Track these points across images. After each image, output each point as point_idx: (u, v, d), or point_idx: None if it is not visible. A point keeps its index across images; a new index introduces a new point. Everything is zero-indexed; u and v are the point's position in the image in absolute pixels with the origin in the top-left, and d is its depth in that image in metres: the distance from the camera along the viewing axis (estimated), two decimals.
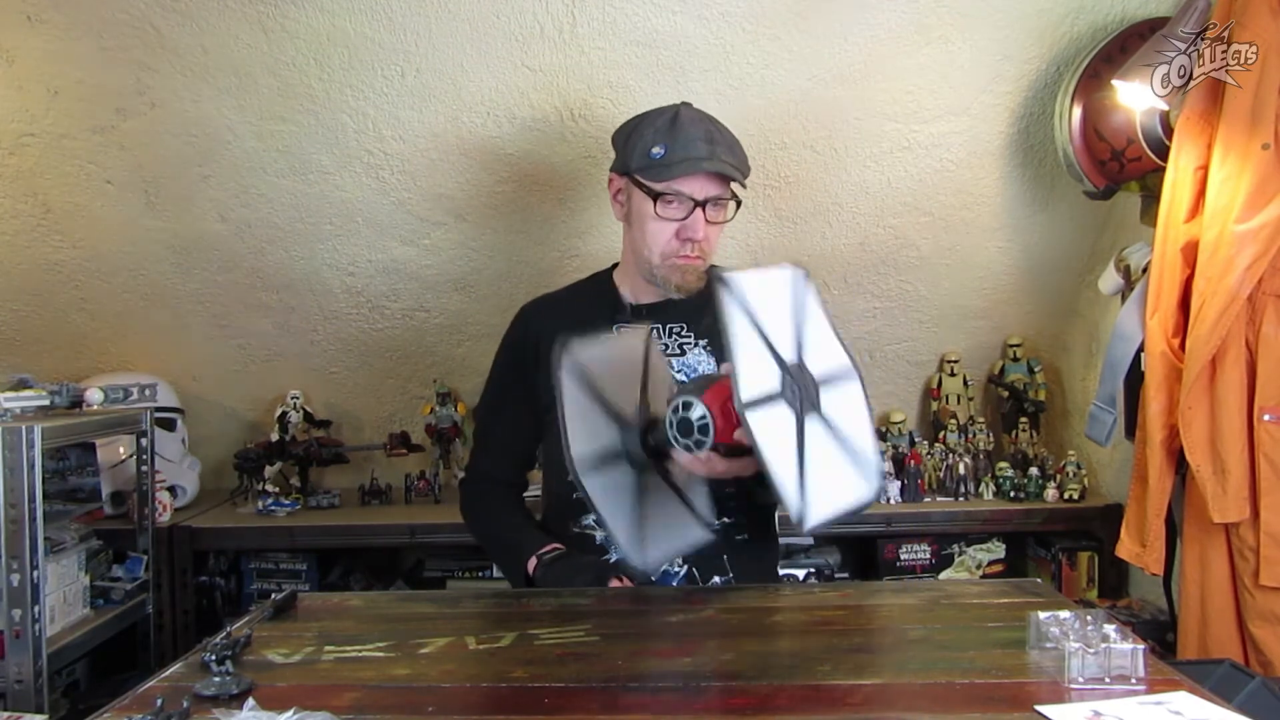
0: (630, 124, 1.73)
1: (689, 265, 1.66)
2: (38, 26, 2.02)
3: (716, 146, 1.64)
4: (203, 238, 2.40)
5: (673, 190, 1.63)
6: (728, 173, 1.64)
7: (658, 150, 1.63)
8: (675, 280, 1.67)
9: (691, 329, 1.71)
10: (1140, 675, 1.05)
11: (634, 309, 1.73)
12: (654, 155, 1.63)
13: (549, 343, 1.70)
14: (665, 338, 1.71)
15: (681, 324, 1.72)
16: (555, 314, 1.77)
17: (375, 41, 2.07)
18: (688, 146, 1.63)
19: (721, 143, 1.66)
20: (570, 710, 1.03)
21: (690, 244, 1.65)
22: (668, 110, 1.69)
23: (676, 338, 1.71)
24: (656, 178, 1.63)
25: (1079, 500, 2.49)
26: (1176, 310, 1.89)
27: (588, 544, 1.66)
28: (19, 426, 1.79)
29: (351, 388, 2.76)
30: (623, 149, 1.70)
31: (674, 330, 1.72)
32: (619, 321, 1.70)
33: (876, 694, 1.04)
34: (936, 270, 2.52)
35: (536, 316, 1.80)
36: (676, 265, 1.66)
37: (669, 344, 1.71)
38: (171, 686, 1.10)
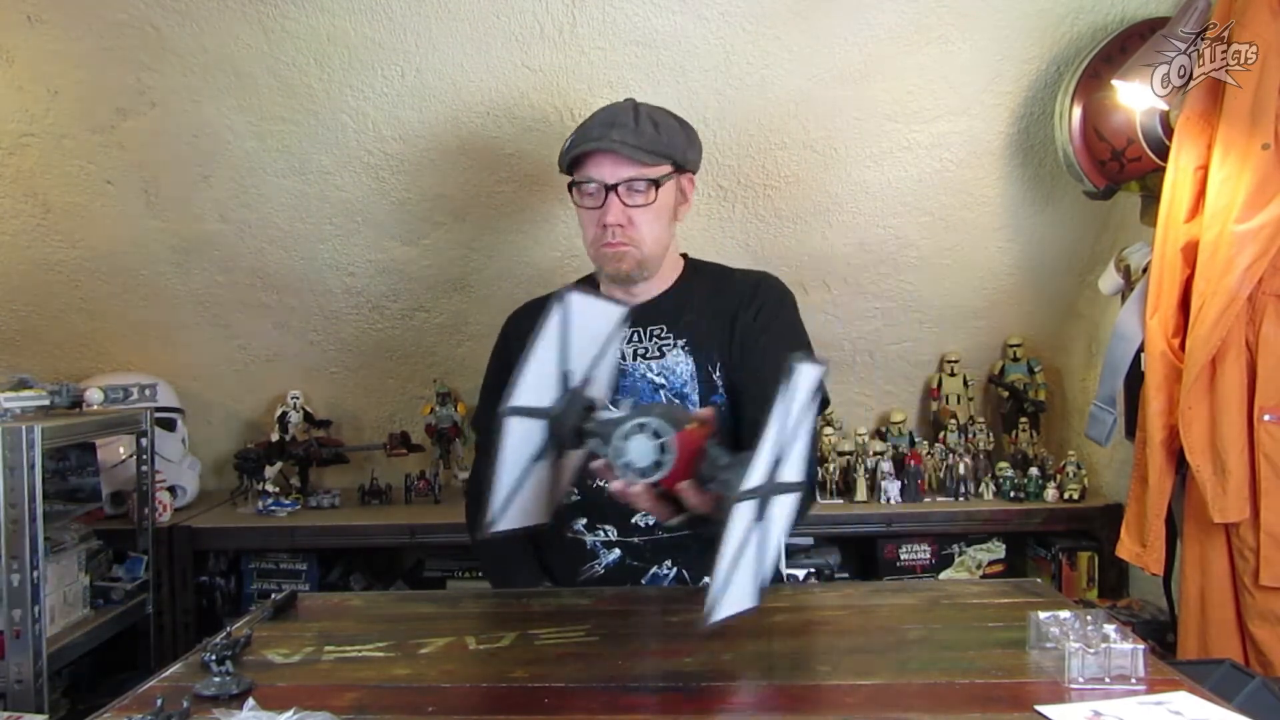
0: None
1: (614, 252, 1.65)
2: (38, 26, 2.02)
3: (614, 129, 1.62)
4: (203, 238, 2.40)
5: (584, 176, 1.64)
6: (619, 151, 1.60)
7: (568, 142, 1.66)
8: (608, 269, 1.67)
9: (671, 329, 1.69)
10: (1140, 675, 1.05)
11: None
12: (566, 147, 1.66)
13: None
14: (646, 341, 1.69)
15: (661, 325, 1.70)
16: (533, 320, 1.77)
17: (375, 41, 2.07)
18: (585, 132, 1.64)
19: (624, 125, 1.62)
20: (570, 710, 1.03)
21: (611, 230, 1.63)
22: (609, 107, 1.70)
23: (656, 340, 1.69)
24: (566, 168, 1.67)
25: (1079, 500, 2.49)
26: (1176, 310, 1.89)
27: (579, 549, 1.66)
28: (19, 426, 1.79)
29: (351, 388, 2.75)
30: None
31: (654, 333, 1.70)
32: None
33: (876, 694, 1.04)
34: (936, 270, 2.52)
35: (519, 324, 1.80)
36: (604, 254, 1.66)
37: (649, 347, 1.69)
38: (171, 686, 1.10)
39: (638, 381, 1.67)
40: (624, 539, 1.64)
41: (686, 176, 1.71)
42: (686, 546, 1.63)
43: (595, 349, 1.22)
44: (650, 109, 1.69)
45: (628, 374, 1.67)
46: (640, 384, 1.66)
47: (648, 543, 1.64)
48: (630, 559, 1.64)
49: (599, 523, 1.66)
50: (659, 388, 1.66)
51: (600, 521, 1.66)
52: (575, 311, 1.15)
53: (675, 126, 1.69)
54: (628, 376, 1.67)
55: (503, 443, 1.11)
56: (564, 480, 1.28)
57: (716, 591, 1.06)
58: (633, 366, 1.67)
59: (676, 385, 1.66)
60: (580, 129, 1.66)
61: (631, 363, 1.68)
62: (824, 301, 2.57)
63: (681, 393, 1.65)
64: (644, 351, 1.69)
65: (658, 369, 1.67)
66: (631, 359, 1.68)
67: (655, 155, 1.63)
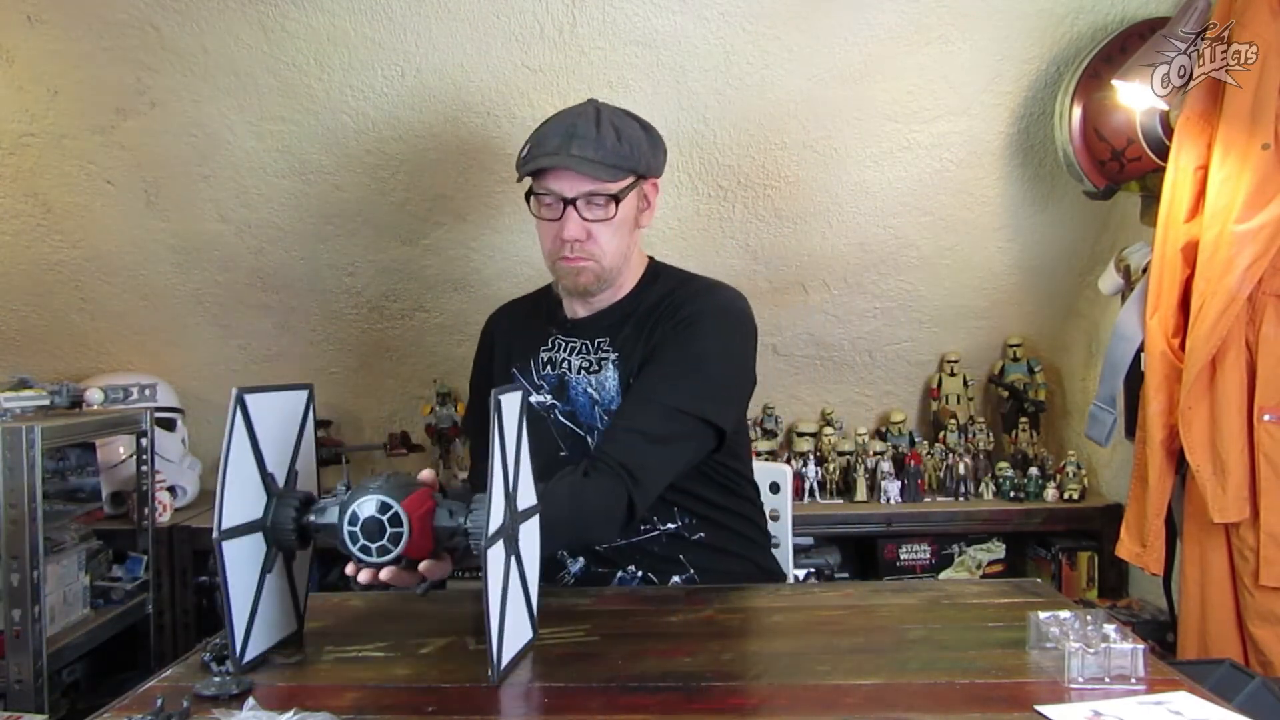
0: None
1: (572, 267, 1.57)
2: (38, 26, 2.03)
3: (573, 140, 1.52)
4: (203, 238, 2.40)
5: (542, 188, 1.55)
6: (577, 168, 1.51)
7: (525, 151, 1.56)
8: (566, 284, 1.60)
9: (612, 343, 1.62)
10: (1140, 675, 1.05)
11: (572, 323, 1.66)
12: (523, 157, 1.56)
13: (503, 351, 1.70)
14: (591, 354, 1.63)
15: (606, 337, 1.62)
16: (510, 321, 1.76)
17: (375, 41, 2.07)
18: (543, 142, 1.54)
19: (583, 137, 1.52)
20: (570, 710, 1.03)
21: (569, 244, 1.55)
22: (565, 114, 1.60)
23: (598, 352, 1.62)
24: (525, 176, 1.57)
25: (1079, 500, 2.50)
26: (1176, 310, 1.90)
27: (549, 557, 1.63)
28: (19, 426, 1.80)
29: (351, 388, 2.75)
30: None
31: (600, 344, 1.63)
32: (553, 334, 1.67)
33: (876, 694, 1.04)
34: (936, 270, 2.52)
35: (497, 324, 1.79)
36: (562, 268, 1.59)
37: (592, 361, 1.63)
38: (171, 686, 1.10)
39: (580, 395, 1.63)
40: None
41: (650, 182, 1.62)
42: (648, 548, 1.62)
43: (290, 440, 1.20)
44: (611, 112, 1.59)
45: (571, 386, 1.63)
46: (582, 398, 1.62)
47: (609, 549, 1.62)
48: (595, 565, 1.63)
49: None
50: (595, 402, 1.61)
51: None
52: (254, 410, 1.13)
53: (639, 133, 1.59)
54: (573, 389, 1.63)
55: (225, 569, 1.08)
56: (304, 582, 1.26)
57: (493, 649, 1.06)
58: (575, 380, 1.63)
59: (605, 401, 1.60)
60: (538, 136, 1.56)
61: (575, 375, 1.63)
62: (824, 301, 2.57)
63: (610, 409, 1.59)
64: (587, 365, 1.63)
65: (595, 384, 1.62)
66: (574, 372, 1.63)
67: (616, 170, 1.53)
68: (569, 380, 1.64)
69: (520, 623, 1.16)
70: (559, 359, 1.65)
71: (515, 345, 1.71)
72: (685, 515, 1.64)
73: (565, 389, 1.64)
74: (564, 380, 1.64)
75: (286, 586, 1.22)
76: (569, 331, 1.67)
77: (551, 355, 1.66)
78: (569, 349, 1.66)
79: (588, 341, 1.65)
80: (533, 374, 1.67)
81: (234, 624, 1.10)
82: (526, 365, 1.68)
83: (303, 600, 1.27)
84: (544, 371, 1.66)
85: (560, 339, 1.67)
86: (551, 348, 1.67)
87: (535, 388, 1.65)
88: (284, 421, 1.21)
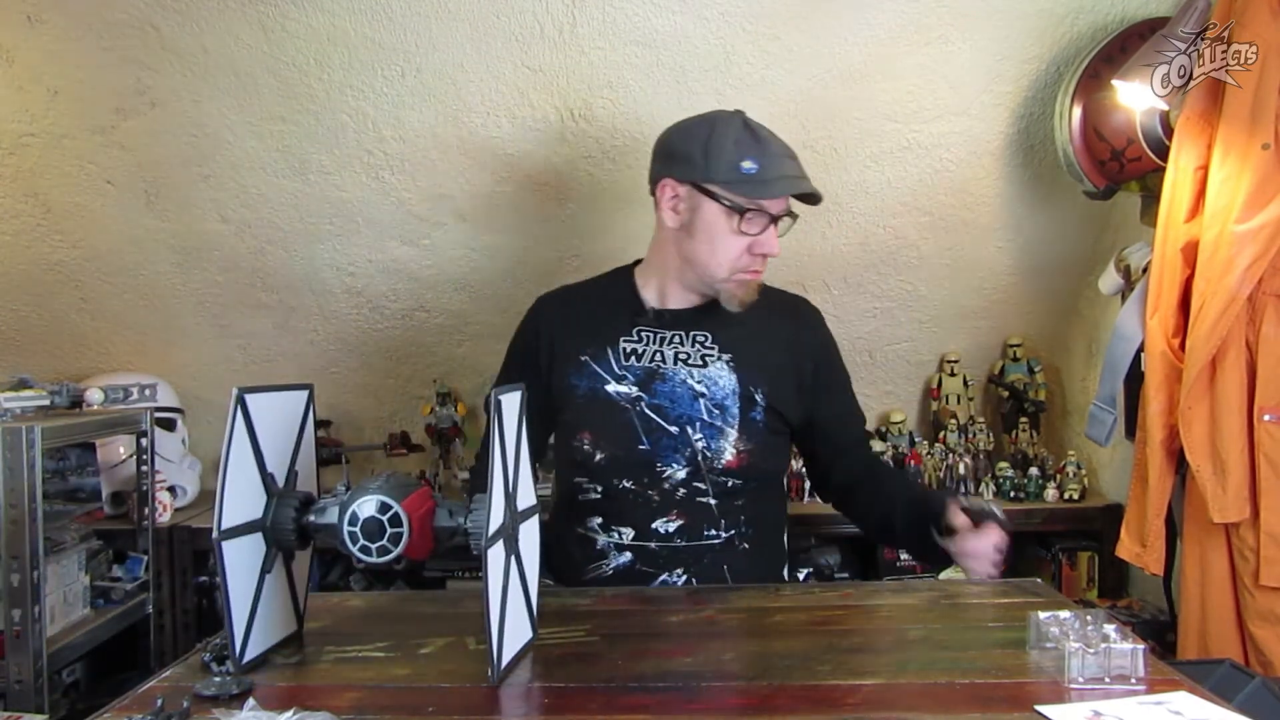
0: (696, 132, 1.62)
1: (754, 280, 1.64)
2: (38, 26, 2.02)
3: (797, 160, 1.63)
4: (203, 238, 2.40)
5: (759, 207, 1.58)
6: (814, 191, 1.61)
7: (750, 165, 1.56)
8: (740, 295, 1.64)
9: (715, 340, 1.66)
10: (1140, 675, 1.06)
11: (656, 313, 1.69)
12: (745, 170, 1.56)
13: (563, 339, 1.69)
14: (689, 346, 1.66)
15: (707, 334, 1.67)
16: (571, 309, 1.74)
17: (375, 41, 2.07)
18: (780, 164, 1.59)
19: (795, 159, 1.64)
20: (570, 710, 1.03)
21: (760, 259, 1.62)
22: (732, 119, 1.62)
23: (700, 347, 1.66)
24: (749, 194, 1.57)
25: (1079, 500, 2.49)
26: (1176, 310, 1.89)
27: (588, 547, 1.66)
28: (19, 426, 1.80)
29: (351, 388, 2.75)
30: (698, 160, 1.59)
31: (698, 339, 1.67)
32: (639, 324, 1.68)
33: (876, 694, 1.04)
34: (936, 270, 2.52)
35: (551, 310, 1.76)
36: (744, 281, 1.63)
37: (691, 353, 1.66)
38: (171, 686, 1.10)
39: (677, 387, 1.63)
40: (639, 543, 1.63)
41: None
42: (700, 555, 1.63)
43: (290, 440, 1.21)
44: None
45: (667, 378, 1.64)
46: (680, 389, 1.63)
47: (663, 549, 1.62)
48: (642, 564, 1.63)
49: (616, 524, 1.64)
50: (699, 395, 1.63)
51: (617, 523, 1.64)
52: (254, 410, 1.13)
53: None
54: (667, 381, 1.64)
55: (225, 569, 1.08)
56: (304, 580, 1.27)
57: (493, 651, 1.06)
58: (672, 371, 1.64)
59: (718, 397, 1.63)
60: (764, 155, 1.58)
61: (671, 366, 1.64)
62: (824, 301, 2.56)
63: (721, 404, 1.63)
64: (685, 357, 1.65)
65: (699, 377, 1.64)
66: (672, 362, 1.65)
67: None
68: (664, 372, 1.64)
69: (520, 623, 1.16)
70: (648, 350, 1.66)
71: (581, 332, 1.69)
72: (742, 525, 1.65)
73: (656, 381, 1.64)
74: (656, 372, 1.64)
75: (286, 586, 1.22)
76: (659, 324, 1.67)
77: (637, 347, 1.66)
78: (660, 340, 1.66)
79: (681, 334, 1.66)
80: (611, 362, 1.66)
81: (234, 624, 1.10)
82: (601, 354, 1.66)
83: (303, 600, 1.27)
84: (627, 362, 1.65)
85: (647, 330, 1.67)
86: (637, 339, 1.67)
87: (616, 378, 1.65)
88: (284, 421, 1.21)
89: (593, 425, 1.64)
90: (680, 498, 1.63)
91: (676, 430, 1.62)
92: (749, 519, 1.66)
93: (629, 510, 1.63)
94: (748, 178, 1.57)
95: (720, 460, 1.62)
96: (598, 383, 1.65)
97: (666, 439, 1.62)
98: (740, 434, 1.63)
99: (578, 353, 1.68)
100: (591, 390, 1.65)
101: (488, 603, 1.05)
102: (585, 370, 1.66)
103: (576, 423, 1.65)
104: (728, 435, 1.63)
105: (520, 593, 1.17)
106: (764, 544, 1.70)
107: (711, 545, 1.64)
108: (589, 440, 1.64)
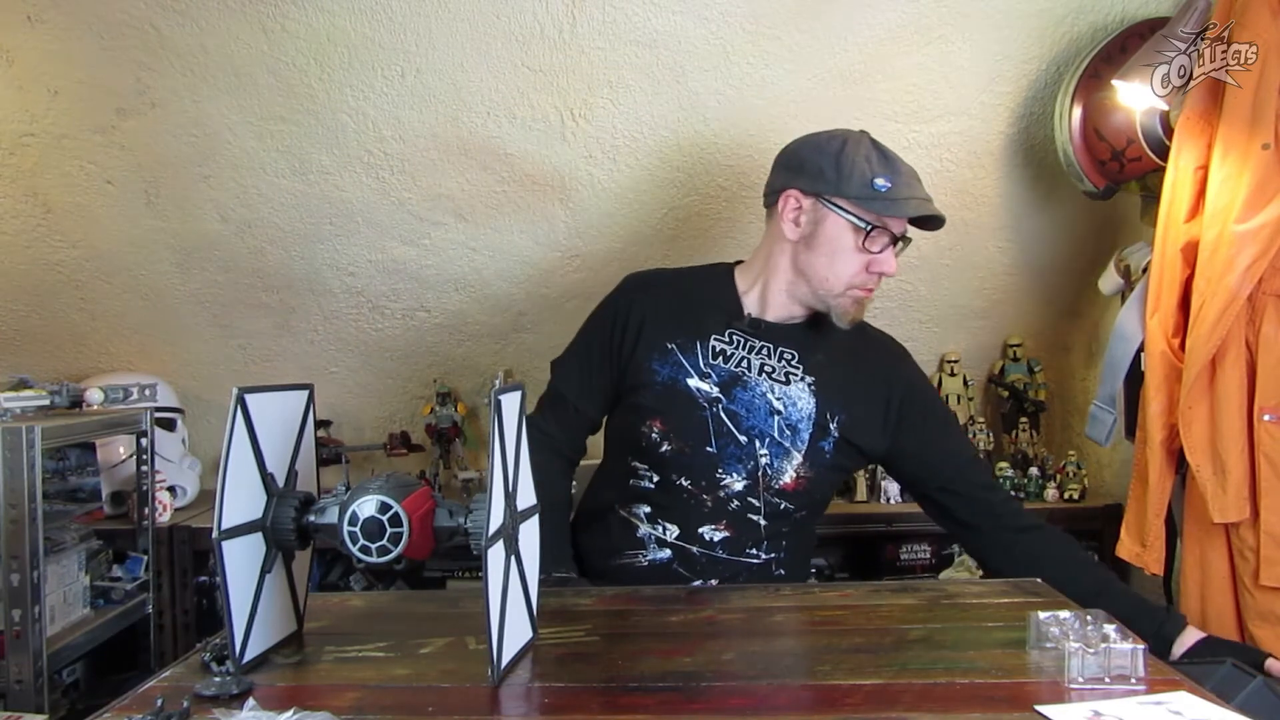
0: (826, 146, 1.62)
1: (867, 299, 1.64)
2: (38, 26, 2.02)
3: (921, 183, 1.62)
4: (203, 238, 2.40)
5: (885, 225, 1.58)
6: (941, 216, 1.61)
7: (883, 183, 1.56)
8: (852, 312, 1.64)
9: (801, 360, 1.65)
10: (1140, 675, 1.05)
11: (753, 321, 1.66)
12: (879, 187, 1.56)
13: (653, 327, 1.66)
14: (774, 360, 1.65)
15: (794, 352, 1.65)
16: (666, 296, 1.71)
17: (375, 41, 2.07)
18: (910, 186, 1.59)
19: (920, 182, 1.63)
20: (570, 710, 1.03)
21: (876, 277, 1.62)
22: (862, 137, 1.63)
23: (785, 364, 1.65)
24: (878, 210, 1.57)
25: (1079, 500, 2.49)
26: (1176, 310, 1.89)
27: (628, 532, 1.65)
28: (19, 426, 1.79)
29: (351, 388, 2.75)
30: (829, 174, 1.58)
31: (785, 355, 1.65)
32: (734, 328, 1.66)
33: (876, 694, 1.04)
34: (936, 270, 2.52)
35: (644, 293, 1.73)
36: (858, 298, 1.63)
37: (775, 367, 1.64)
38: (171, 686, 1.10)
39: (757, 398, 1.63)
40: (683, 544, 1.62)
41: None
42: (738, 572, 1.63)
43: (290, 440, 1.21)
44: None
45: (749, 387, 1.63)
46: (759, 401, 1.63)
47: (705, 556, 1.62)
48: (679, 565, 1.62)
49: (663, 518, 1.64)
50: (774, 412, 1.62)
51: (665, 517, 1.63)
52: (254, 410, 1.13)
53: None
54: (748, 390, 1.63)
55: (225, 569, 1.08)
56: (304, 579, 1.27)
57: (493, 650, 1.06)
58: (755, 381, 1.63)
59: (793, 418, 1.63)
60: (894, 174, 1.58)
61: (755, 377, 1.63)
62: None
63: (795, 425, 1.62)
64: (770, 370, 1.64)
65: (779, 393, 1.63)
66: (756, 373, 1.64)
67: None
68: (747, 380, 1.63)
69: (520, 623, 1.16)
70: (735, 354, 1.65)
71: (672, 319, 1.68)
72: (782, 551, 1.66)
73: (737, 387, 1.63)
74: (740, 378, 1.63)
75: (286, 586, 1.22)
76: (753, 332, 1.66)
77: (726, 348, 1.65)
78: (748, 347, 1.65)
79: (770, 346, 1.65)
80: (698, 358, 1.64)
81: (234, 624, 1.10)
82: (690, 346, 1.65)
83: (303, 600, 1.27)
84: (713, 361, 1.64)
85: (740, 335, 1.66)
86: (729, 341, 1.66)
87: (699, 374, 1.63)
88: (284, 421, 1.21)
89: (666, 415, 1.62)
90: (733, 509, 1.62)
91: (745, 440, 1.61)
92: (789, 546, 1.66)
93: (679, 508, 1.62)
94: (879, 195, 1.56)
95: (779, 480, 1.62)
96: (680, 374, 1.63)
97: (734, 446, 1.61)
98: (805, 459, 1.63)
99: (665, 339, 1.66)
100: (672, 380, 1.63)
101: (488, 603, 1.05)
102: (670, 359, 1.64)
103: (650, 408, 1.63)
104: (792, 458, 1.62)
105: (520, 593, 1.17)
106: (795, 571, 1.70)
107: (750, 564, 1.63)
108: (659, 429, 1.62)
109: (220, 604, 1.12)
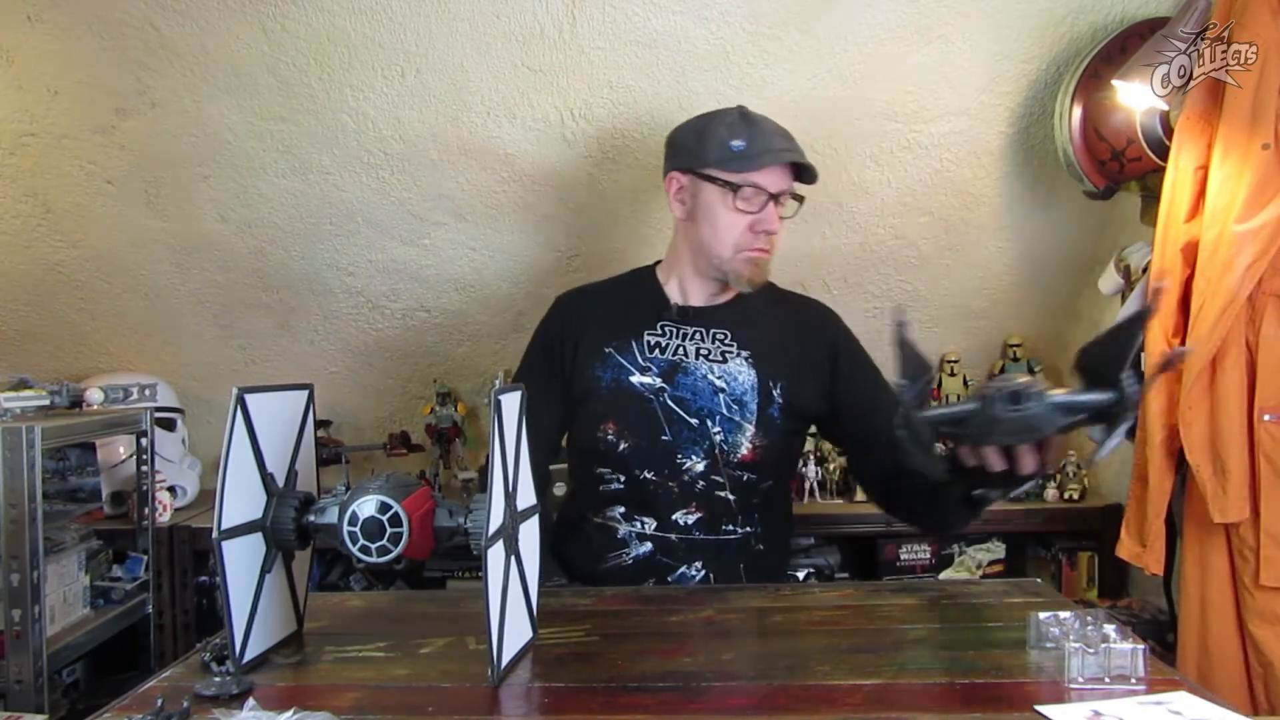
0: (694, 124, 1.72)
1: (761, 258, 1.68)
2: (38, 26, 2.02)
3: (791, 140, 1.68)
4: (203, 238, 2.40)
5: (750, 182, 1.63)
6: (806, 162, 1.66)
7: (738, 143, 1.64)
8: (747, 273, 1.68)
9: (735, 338, 1.71)
10: (1140, 675, 1.06)
11: (680, 310, 1.73)
12: (734, 148, 1.64)
13: (588, 337, 1.73)
14: (709, 343, 1.70)
15: (726, 331, 1.71)
16: (594, 308, 1.78)
17: (375, 41, 2.07)
18: (767, 139, 1.65)
19: (790, 138, 1.69)
20: (570, 710, 1.03)
21: (763, 236, 1.66)
22: (730, 110, 1.70)
23: (719, 344, 1.70)
24: (738, 169, 1.64)
25: (1079, 500, 2.49)
26: (1176, 310, 1.89)
27: (607, 537, 1.68)
28: (19, 426, 1.80)
29: (351, 388, 2.75)
30: (693, 147, 1.68)
31: (718, 336, 1.71)
32: (664, 319, 1.72)
33: (876, 694, 1.04)
34: (936, 270, 2.52)
35: (574, 308, 1.80)
36: (749, 258, 1.67)
37: (711, 349, 1.70)
38: (171, 686, 1.10)
39: (699, 381, 1.68)
40: (661, 534, 1.66)
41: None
42: (719, 550, 1.66)
43: (290, 440, 1.21)
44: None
45: (690, 372, 1.68)
46: (702, 383, 1.68)
47: (684, 541, 1.65)
48: (662, 555, 1.65)
49: (638, 514, 1.67)
50: (719, 390, 1.67)
51: (640, 513, 1.67)
52: (254, 410, 1.13)
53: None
54: (689, 375, 1.68)
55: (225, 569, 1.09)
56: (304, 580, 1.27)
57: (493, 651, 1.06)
58: (695, 365, 1.68)
59: (737, 392, 1.67)
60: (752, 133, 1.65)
61: (694, 361, 1.69)
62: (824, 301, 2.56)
63: (741, 400, 1.67)
64: (706, 352, 1.70)
65: (719, 372, 1.68)
66: (694, 357, 1.69)
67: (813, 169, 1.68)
68: (686, 365, 1.68)
69: (520, 623, 1.16)
70: (671, 344, 1.70)
71: (605, 326, 1.74)
72: (756, 524, 1.68)
73: (679, 374, 1.68)
74: (679, 365, 1.68)
75: (286, 586, 1.22)
76: (682, 320, 1.72)
77: (660, 340, 1.70)
78: (682, 335, 1.71)
79: (702, 330, 1.71)
80: (635, 355, 1.70)
81: (234, 624, 1.10)
82: (626, 346, 1.70)
83: (302, 600, 1.27)
84: (651, 355, 1.69)
85: (671, 325, 1.71)
86: (661, 333, 1.71)
87: (640, 369, 1.69)
88: (284, 421, 1.21)
89: (617, 415, 1.68)
90: (699, 490, 1.66)
91: (697, 423, 1.66)
92: (763, 518, 1.70)
93: (650, 500, 1.66)
94: (736, 154, 1.63)
95: (736, 454, 1.66)
96: (622, 374, 1.69)
97: (687, 431, 1.66)
98: (757, 429, 1.67)
99: (601, 345, 1.71)
100: (616, 381, 1.69)
101: (488, 603, 1.05)
102: (609, 361, 1.70)
103: (601, 413, 1.69)
104: (745, 430, 1.66)
105: (520, 593, 1.17)
106: (776, 545, 1.75)
107: (729, 540, 1.67)
108: (613, 430, 1.67)
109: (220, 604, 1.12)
